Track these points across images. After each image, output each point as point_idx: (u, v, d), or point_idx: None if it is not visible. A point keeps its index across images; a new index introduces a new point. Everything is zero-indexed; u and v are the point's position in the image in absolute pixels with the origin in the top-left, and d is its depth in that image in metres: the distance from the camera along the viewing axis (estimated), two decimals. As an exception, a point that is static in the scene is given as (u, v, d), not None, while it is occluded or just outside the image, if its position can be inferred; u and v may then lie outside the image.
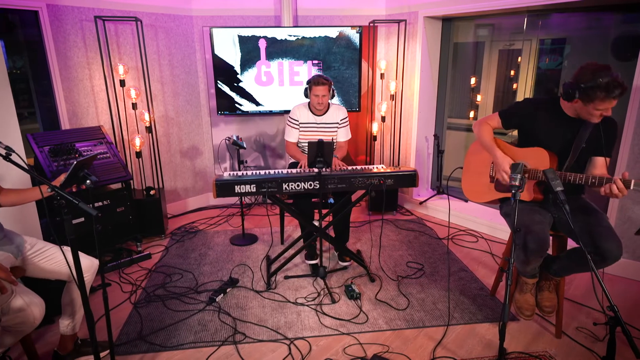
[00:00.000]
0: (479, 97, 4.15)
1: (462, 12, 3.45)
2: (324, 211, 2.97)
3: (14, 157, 1.50)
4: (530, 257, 1.92)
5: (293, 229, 3.77)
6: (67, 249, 1.90)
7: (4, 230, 1.81)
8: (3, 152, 1.50)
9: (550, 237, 2.05)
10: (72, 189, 1.83)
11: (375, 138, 4.08)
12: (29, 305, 1.56)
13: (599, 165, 1.97)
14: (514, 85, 3.94)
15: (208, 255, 3.25)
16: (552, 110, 2.04)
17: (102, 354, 2.09)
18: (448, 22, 3.93)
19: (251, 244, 3.44)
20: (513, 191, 1.75)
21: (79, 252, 1.76)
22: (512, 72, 3.93)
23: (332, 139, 3.09)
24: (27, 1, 2.91)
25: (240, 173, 2.70)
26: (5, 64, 2.32)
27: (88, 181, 1.70)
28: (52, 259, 1.86)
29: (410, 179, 2.74)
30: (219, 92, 3.85)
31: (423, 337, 2.25)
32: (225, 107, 3.91)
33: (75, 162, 1.62)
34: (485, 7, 3.28)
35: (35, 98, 3.31)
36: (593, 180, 1.80)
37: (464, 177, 2.41)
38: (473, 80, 4.12)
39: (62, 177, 1.76)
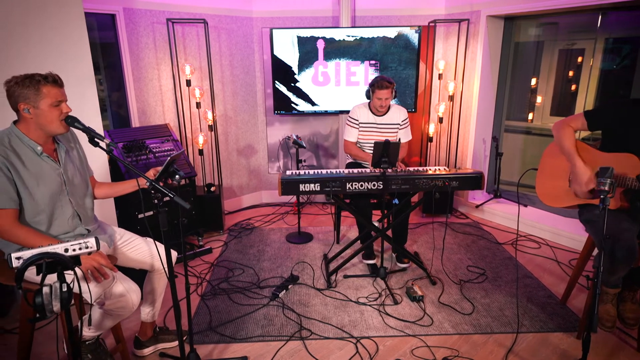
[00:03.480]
0: (538, 99, 4.01)
1: (528, 10, 3.34)
2: (386, 211, 2.96)
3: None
4: (618, 266, 1.84)
5: (347, 228, 3.78)
6: (150, 241, 2.01)
7: (98, 221, 1.93)
8: (104, 145, 1.60)
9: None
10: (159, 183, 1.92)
11: (431, 139, 4.02)
12: (128, 291, 1.66)
13: None
14: (573, 87, 3.78)
15: (266, 251, 3.32)
16: None
17: (177, 342, 2.19)
18: (509, 21, 3.82)
19: (307, 242, 3.48)
20: (602, 196, 1.68)
21: (158, 243, 1.86)
22: (571, 73, 3.77)
23: (399, 140, 3.08)
24: (106, 5, 3.08)
25: (302, 172, 2.74)
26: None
27: (177, 176, 1.78)
28: (138, 249, 1.96)
29: (476, 182, 2.68)
30: (276, 92, 3.93)
31: (492, 343, 2.20)
32: (282, 106, 3.98)
33: (169, 158, 1.70)
34: (554, 5, 3.16)
35: (107, 96, 3.49)
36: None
37: (538, 180, 2.33)
38: (533, 81, 3.98)
39: (151, 172, 1.85)
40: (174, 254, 2.04)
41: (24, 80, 1.55)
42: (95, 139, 1.59)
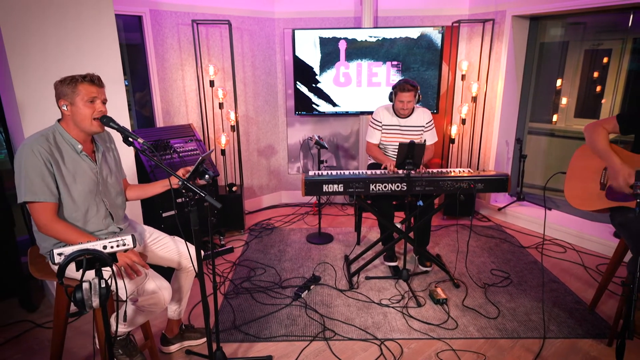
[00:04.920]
0: (563, 100, 3.94)
1: (556, 10, 3.28)
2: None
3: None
4: (653, 271, 1.78)
5: (367, 229, 3.77)
6: (178, 239, 2.03)
7: (128, 219, 1.96)
8: (138, 145, 1.63)
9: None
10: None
11: (453, 141, 3.98)
12: (160, 288, 1.68)
13: None
14: (598, 88, 3.70)
15: (287, 251, 3.33)
16: None
17: (203, 340, 2.21)
18: (535, 21, 3.76)
19: (327, 242, 3.48)
20: (638, 200, 1.64)
21: (187, 242, 1.88)
22: (597, 74, 3.69)
23: (424, 141, 3.06)
24: (134, 7, 3.13)
25: (325, 173, 2.74)
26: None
27: (207, 175, 1.80)
28: (166, 247, 1.98)
29: (502, 184, 2.65)
30: (297, 92, 3.94)
31: (520, 348, 2.17)
32: (303, 107, 3.99)
33: (200, 157, 1.72)
34: (583, 4, 3.10)
35: (132, 97, 3.56)
36: None
37: (567, 183, 2.29)
38: (558, 82, 3.91)
39: (181, 171, 1.87)
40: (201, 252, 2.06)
41: (65, 79, 1.62)
42: (130, 139, 1.62)
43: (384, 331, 2.31)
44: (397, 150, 2.93)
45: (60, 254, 1.21)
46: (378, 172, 2.74)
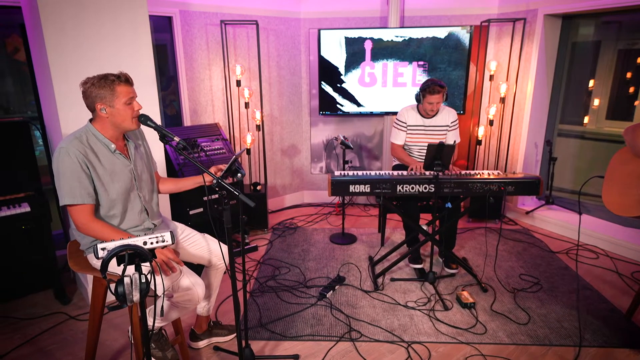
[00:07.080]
0: (595, 102, 3.82)
1: (591, 8, 3.18)
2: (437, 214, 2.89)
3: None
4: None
5: (391, 230, 3.74)
6: (208, 236, 2.06)
7: (162, 216, 1.99)
8: (174, 143, 1.65)
9: None
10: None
11: (480, 142, 3.92)
12: (194, 285, 1.71)
13: None
14: (631, 89, 3.57)
15: (310, 251, 3.33)
16: None
17: (230, 337, 2.23)
18: (567, 20, 3.66)
19: (351, 243, 3.47)
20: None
21: (216, 239, 1.90)
22: (629, 74, 3.57)
23: (454, 142, 3.03)
24: (165, 7, 3.19)
25: (351, 173, 2.73)
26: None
27: (239, 174, 1.81)
28: (197, 244, 2.01)
29: (533, 187, 2.59)
30: (322, 92, 3.94)
31: (552, 356, 2.11)
32: (327, 107, 3.99)
33: (234, 156, 1.74)
34: (620, 2, 3.00)
35: (159, 96, 3.61)
36: None
37: (605, 187, 2.22)
38: (591, 83, 3.80)
39: (213, 169, 1.89)
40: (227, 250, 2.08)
41: (99, 81, 1.61)
42: (166, 137, 1.65)
43: (411, 334, 2.29)
44: (422, 151, 2.90)
45: (103, 249, 1.24)
46: (405, 173, 2.71)
